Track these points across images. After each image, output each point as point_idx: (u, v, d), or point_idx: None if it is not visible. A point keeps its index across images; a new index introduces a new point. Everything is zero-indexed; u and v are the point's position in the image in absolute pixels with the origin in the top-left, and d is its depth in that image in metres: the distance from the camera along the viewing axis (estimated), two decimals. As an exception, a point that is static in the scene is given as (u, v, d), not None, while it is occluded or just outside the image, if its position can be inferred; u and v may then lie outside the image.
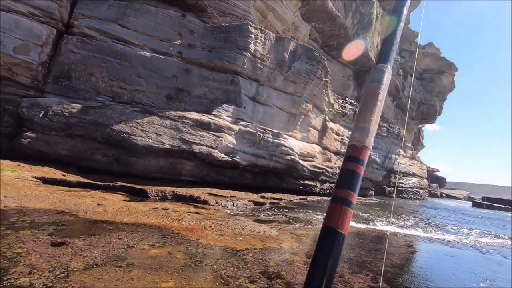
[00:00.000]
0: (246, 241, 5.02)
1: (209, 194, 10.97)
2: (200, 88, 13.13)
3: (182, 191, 10.19)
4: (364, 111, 0.52)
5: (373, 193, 28.73)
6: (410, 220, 12.37)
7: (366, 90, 0.57)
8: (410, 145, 39.23)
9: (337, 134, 20.62)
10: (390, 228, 9.30)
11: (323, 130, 18.86)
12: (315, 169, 17.71)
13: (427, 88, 36.01)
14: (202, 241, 4.71)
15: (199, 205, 9.27)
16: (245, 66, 13.30)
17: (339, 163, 21.34)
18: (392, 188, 30.65)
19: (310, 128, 17.55)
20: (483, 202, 35.44)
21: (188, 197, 9.82)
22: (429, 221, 13.04)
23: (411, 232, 9.12)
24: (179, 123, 11.58)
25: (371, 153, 26.19)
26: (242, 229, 5.80)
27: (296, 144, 15.91)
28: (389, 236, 7.59)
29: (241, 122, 13.26)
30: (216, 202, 9.72)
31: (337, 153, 20.90)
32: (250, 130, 13.37)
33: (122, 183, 10.17)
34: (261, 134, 13.65)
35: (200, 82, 13.11)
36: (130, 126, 10.84)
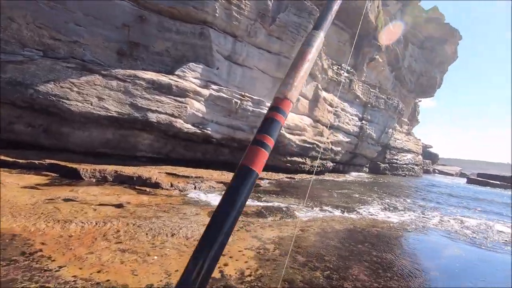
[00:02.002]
0: (156, 266, 2.83)
1: (168, 174, 8.75)
2: (161, 43, 10.45)
3: (129, 170, 7.92)
4: (292, 69, 0.51)
5: (367, 169, 27.06)
6: (429, 209, 10.48)
7: (297, 52, 0.57)
8: (406, 120, 37.31)
9: (331, 105, 18.29)
10: (402, 218, 7.30)
11: (315, 100, 16.48)
12: (305, 144, 15.57)
13: (428, 58, 33.41)
14: (62, 273, 2.49)
15: (147, 189, 7.06)
16: (217, 15, 10.57)
17: (332, 137, 19.21)
18: (387, 165, 29.02)
19: (300, 96, 15.13)
20: (478, 178, 34.33)
21: (135, 178, 7.58)
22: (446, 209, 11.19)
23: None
24: (130, 84, 9.05)
25: (367, 127, 24.12)
26: (172, 235, 3.64)
27: (282, 114, 13.59)
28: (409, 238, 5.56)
29: (213, 86, 10.77)
30: (172, 185, 7.52)
31: (330, 127, 18.71)
32: (224, 95, 10.92)
33: (53, 161, 7.85)
34: (238, 102, 11.24)
35: (160, 35, 10.40)
36: (61, 87, 8.29)
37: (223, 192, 0.58)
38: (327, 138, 18.19)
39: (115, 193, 6.03)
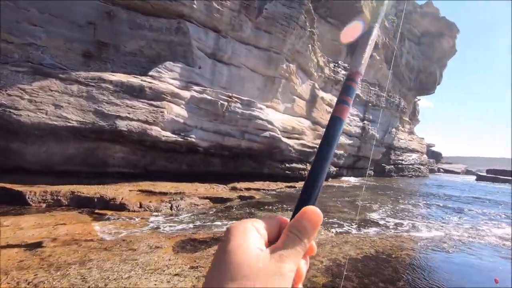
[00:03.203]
0: None
1: (142, 191, 7.30)
2: (134, 41, 9.18)
3: (91, 191, 6.48)
4: (361, 46, 0.49)
5: (373, 173, 25.51)
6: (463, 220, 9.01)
7: (359, 40, 0.53)
8: (407, 119, 36.04)
9: (330, 105, 16.95)
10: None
11: (312, 101, 15.18)
12: (304, 149, 14.17)
13: (426, 54, 32.37)
14: None
15: (108, 213, 5.61)
16: (195, 6, 9.34)
17: (333, 140, 17.79)
18: (393, 166, 27.52)
19: (295, 97, 13.83)
20: (489, 175, 32.77)
21: (96, 200, 6.13)
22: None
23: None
24: (94, 88, 7.71)
25: (369, 128, 22.77)
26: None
27: (277, 117, 12.23)
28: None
29: (195, 87, 9.44)
30: (141, 206, 6.07)
31: (330, 129, 17.32)
32: (208, 97, 9.57)
33: (-2, 184, 6.43)
34: (225, 104, 9.88)
35: (132, 33, 9.15)
36: (9, 95, 6.94)
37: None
38: (328, 141, 16.81)
39: (57, 223, 4.58)
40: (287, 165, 13.53)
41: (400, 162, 29.11)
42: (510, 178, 30.96)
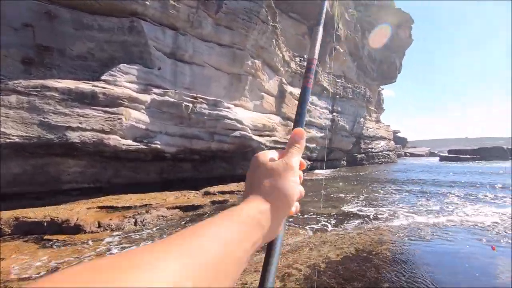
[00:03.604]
0: None
1: (102, 208, 6.62)
2: (81, 44, 8.34)
3: (39, 214, 5.71)
4: (311, 44, 0.59)
5: (345, 163, 26.10)
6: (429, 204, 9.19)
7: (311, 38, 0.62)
8: (373, 108, 37.43)
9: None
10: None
11: (281, 96, 15.02)
12: (277, 145, 13.98)
13: (385, 44, 33.69)
14: None
15: (59, 238, 4.94)
16: (148, 3, 8.69)
17: (306, 134, 17.80)
18: (363, 155, 28.37)
19: (264, 93, 13.58)
20: (450, 155, 34.98)
21: (46, 224, 5.40)
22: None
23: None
24: (36, 98, 6.85)
25: (339, 119, 23.20)
26: None
27: (246, 115, 11.89)
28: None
29: (155, 90, 8.82)
30: (99, 225, 5.43)
31: (301, 123, 17.33)
32: (171, 100, 8.99)
33: None
34: (190, 105, 9.35)
35: (78, 34, 8.30)
36: None
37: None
38: (300, 136, 16.79)
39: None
40: (261, 163, 13.27)
41: (370, 150, 30.14)
42: (469, 156, 33.27)
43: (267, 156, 0.46)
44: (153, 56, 9.05)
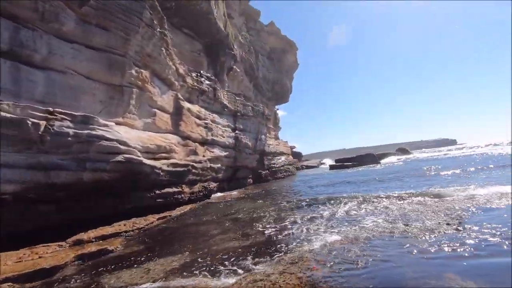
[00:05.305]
0: None
1: None
2: None
3: None
4: None
5: (251, 181, 25.95)
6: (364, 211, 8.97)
7: None
8: (272, 126, 39.84)
9: (198, 117, 15.66)
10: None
11: (178, 113, 13.39)
12: (177, 169, 12.14)
13: (276, 67, 36.77)
14: None
15: None
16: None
17: (209, 154, 16.52)
18: (268, 171, 29.08)
19: (156, 110, 11.67)
20: (337, 164, 40.14)
21: None
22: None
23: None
24: None
25: (242, 137, 22.99)
26: None
27: (133, 135, 9.72)
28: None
29: (-24, 101, 5.89)
30: None
31: (203, 143, 16.01)
32: (8, 115, 6.19)
33: None
34: (42, 123, 6.71)
35: None
36: None
37: None
38: (203, 156, 15.39)
39: None
40: (157, 192, 11.11)
41: (273, 165, 31.29)
42: (350, 163, 38.98)
43: None
44: (-26, 53, 6.14)
